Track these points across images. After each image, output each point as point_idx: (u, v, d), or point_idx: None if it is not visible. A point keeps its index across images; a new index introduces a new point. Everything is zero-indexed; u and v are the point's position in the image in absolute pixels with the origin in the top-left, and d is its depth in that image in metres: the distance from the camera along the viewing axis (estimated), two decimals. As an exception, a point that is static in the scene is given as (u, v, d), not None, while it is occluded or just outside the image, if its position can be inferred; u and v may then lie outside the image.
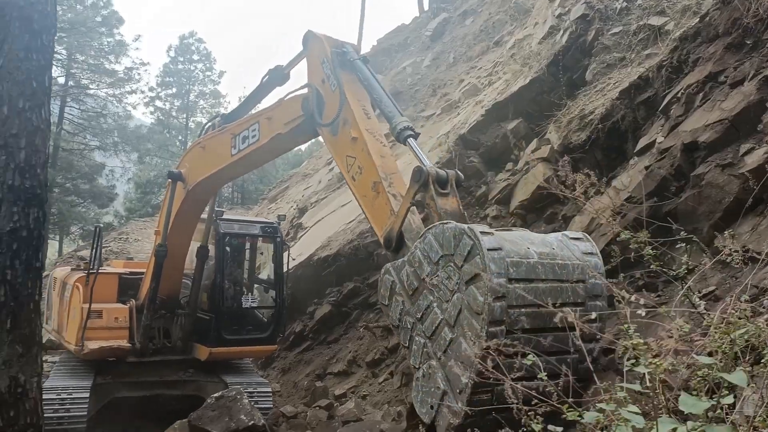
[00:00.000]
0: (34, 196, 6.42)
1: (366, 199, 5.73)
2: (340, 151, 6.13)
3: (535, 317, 4.35)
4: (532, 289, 4.34)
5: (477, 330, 4.15)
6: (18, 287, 6.30)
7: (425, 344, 4.66)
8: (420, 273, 4.72)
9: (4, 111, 6.23)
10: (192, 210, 9.96)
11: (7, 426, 6.23)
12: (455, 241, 4.43)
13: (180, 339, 10.83)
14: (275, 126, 7.25)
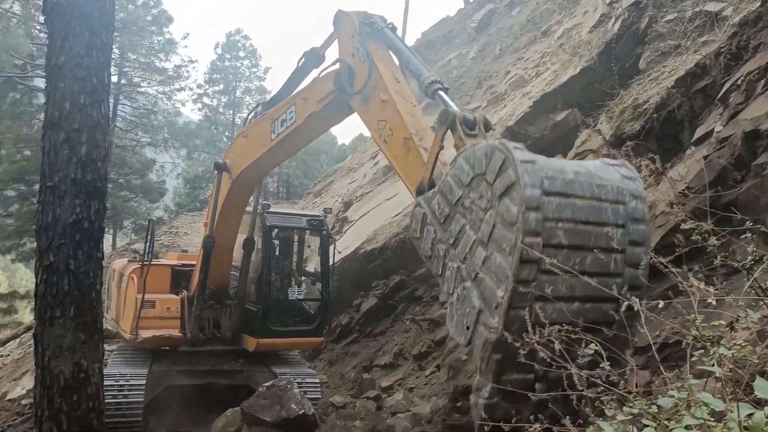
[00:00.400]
0: (95, 189, 6.66)
1: (398, 158, 5.79)
2: (371, 117, 6.24)
3: (573, 234, 4.18)
4: (568, 204, 4.17)
5: (512, 242, 4.03)
6: (81, 277, 6.55)
7: (458, 268, 4.60)
8: (451, 198, 4.67)
9: (67, 107, 6.49)
10: (237, 200, 10.18)
11: (70, 410, 6.50)
12: (486, 159, 4.33)
13: (229, 330, 11.07)
14: (310, 105, 7.44)
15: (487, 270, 4.27)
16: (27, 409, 11.77)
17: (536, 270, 4.05)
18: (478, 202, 4.43)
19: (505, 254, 4.09)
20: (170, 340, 10.66)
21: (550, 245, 4.07)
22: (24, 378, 17.72)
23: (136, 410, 9.55)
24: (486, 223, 4.31)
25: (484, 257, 4.29)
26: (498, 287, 4.13)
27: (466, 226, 4.53)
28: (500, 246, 4.15)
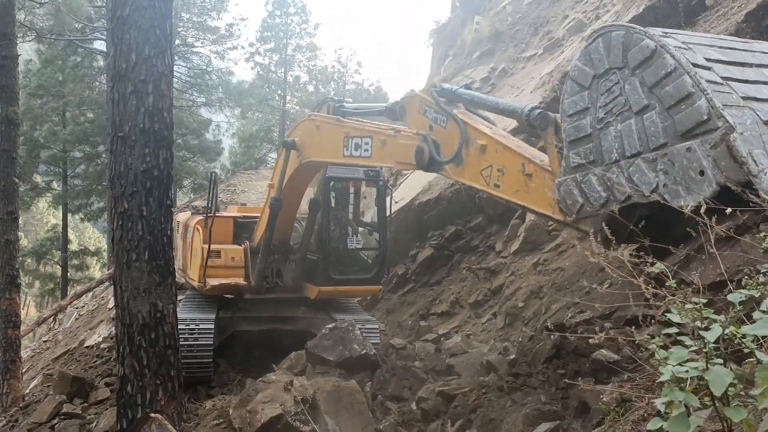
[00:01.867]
0: (162, 138, 6.94)
1: (520, 192, 5.33)
2: (472, 172, 5.88)
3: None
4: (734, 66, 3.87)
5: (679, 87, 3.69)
6: (153, 222, 6.90)
7: (637, 165, 4.03)
8: (584, 128, 4.35)
9: (132, 58, 6.72)
10: (305, 177, 10.43)
11: (149, 347, 6.94)
12: (617, 49, 4.02)
13: (291, 279, 11.45)
14: (386, 156, 7.28)
15: (667, 119, 3.83)
16: (106, 351, 12.55)
17: (718, 76, 3.75)
18: (610, 97, 4.12)
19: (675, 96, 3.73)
20: (236, 288, 11.11)
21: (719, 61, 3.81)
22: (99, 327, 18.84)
23: (207, 352, 10.05)
24: (633, 93, 3.97)
25: (654, 118, 3.89)
26: (691, 107, 3.71)
27: (613, 128, 4.15)
28: (670, 101, 3.77)
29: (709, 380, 1.46)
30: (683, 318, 1.70)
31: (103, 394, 9.87)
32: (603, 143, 4.22)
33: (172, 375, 7.14)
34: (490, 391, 5.63)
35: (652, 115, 3.85)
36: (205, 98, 38.91)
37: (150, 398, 6.89)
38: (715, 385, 1.43)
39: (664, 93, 3.74)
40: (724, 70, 3.76)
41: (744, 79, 3.79)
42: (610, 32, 4.13)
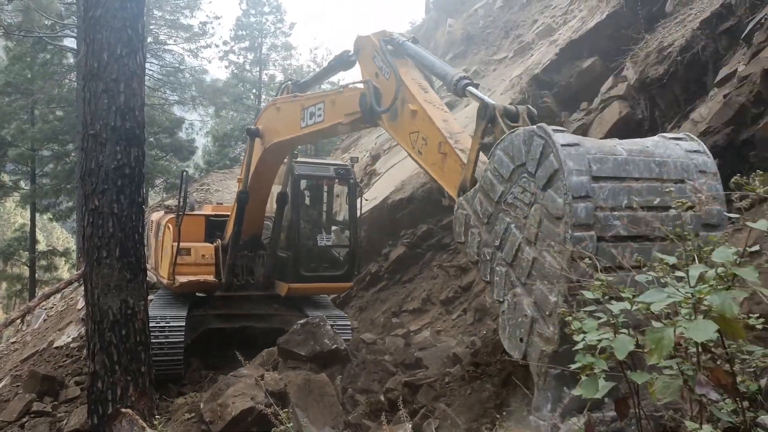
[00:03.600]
0: (134, 136, 7.03)
1: (435, 166, 5.52)
2: (402, 132, 6.08)
3: (633, 221, 3.68)
4: (624, 189, 3.72)
5: (560, 237, 3.59)
6: (124, 219, 6.99)
7: (507, 272, 4.16)
8: (493, 196, 4.31)
9: (104, 57, 6.81)
10: (270, 164, 10.43)
11: (120, 343, 7.02)
12: (525, 146, 3.91)
13: (262, 276, 11.56)
14: (337, 113, 7.42)
15: (537, 272, 3.85)
16: (76, 350, 12.51)
17: (591, 269, 3.50)
18: (521, 197, 4.03)
19: (554, 254, 3.67)
20: (205, 285, 11.18)
21: (606, 239, 3.64)
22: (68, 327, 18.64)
23: (178, 349, 10.11)
24: (531, 218, 3.89)
25: (533, 258, 3.88)
26: (550, 292, 3.70)
27: (511, 225, 4.13)
28: (548, 245, 3.73)
29: (614, 347, 1.67)
30: (595, 294, 1.93)
31: (73, 393, 9.88)
32: (496, 223, 4.30)
33: (143, 371, 7.22)
34: (453, 381, 5.85)
35: (530, 252, 3.94)
36: (178, 96, 38.59)
37: (121, 394, 6.96)
38: (619, 350, 1.65)
39: (548, 232, 3.81)
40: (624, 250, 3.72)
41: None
42: (533, 136, 4.02)
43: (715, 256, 1.61)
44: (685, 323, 1.49)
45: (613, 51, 11.71)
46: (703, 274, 1.60)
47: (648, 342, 1.54)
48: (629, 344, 1.64)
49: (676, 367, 1.74)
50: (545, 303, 3.74)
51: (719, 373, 1.63)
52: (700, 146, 4.18)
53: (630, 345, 1.64)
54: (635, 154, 3.86)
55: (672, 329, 1.54)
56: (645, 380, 1.74)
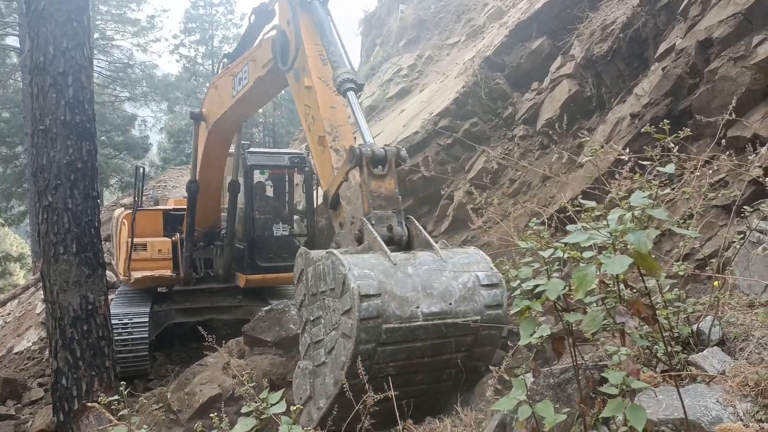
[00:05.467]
0: (84, 130, 6.95)
1: (315, 151, 5.69)
2: (300, 99, 6.05)
3: (405, 366, 4.31)
4: (405, 349, 4.24)
5: (336, 379, 4.17)
6: (79, 215, 6.92)
7: (309, 345, 4.70)
8: (318, 287, 4.66)
9: (50, 51, 6.70)
10: (217, 148, 10.33)
11: (82, 339, 6.97)
12: (342, 287, 4.24)
13: (221, 268, 11.53)
14: (257, 69, 7.26)
15: (321, 374, 4.44)
16: (37, 353, 12.29)
17: (359, 394, 3.89)
18: (332, 312, 4.41)
19: (332, 381, 4.24)
20: (162, 279, 11.12)
21: (378, 378, 4.10)
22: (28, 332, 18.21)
23: (142, 345, 10.06)
24: (330, 339, 4.36)
25: (323, 361, 4.43)
26: (321, 397, 4.36)
27: (322, 320, 4.55)
28: (332, 371, 4.26)
29: (547, 289, 1.83)
30: (527, 244, 2.09)
31: (36, 395, 9.75)
32: (314, 305, 4.72)
33: (108, 366, 7.18)
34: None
35: (321, 376, 4.55)
36: (128, 93, 37.74)
37: (86, 390, 6.92)
38: (551, 291, 1.80)
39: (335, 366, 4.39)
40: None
41: None
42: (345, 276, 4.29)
43: (632, 201, 1.78)
44: (605, 260, 1.66)
45: (560, 30, 11.99)
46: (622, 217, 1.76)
47: (573, 280, 1.70)
48: (560, 286, 1.80)
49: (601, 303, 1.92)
50: (317, 399, 4.45)
51: (639, 305, 1.80)
52: (502, 299, 4.52)
53: (560, 286, 1.80)
54: (431, 317, 4.24)
55: (594, 267, 1.70)
56: (576, 319, 1.92)
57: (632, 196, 1.79)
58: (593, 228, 1.78)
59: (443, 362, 4.44)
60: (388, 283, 4.21)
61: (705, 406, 2.38)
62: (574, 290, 1.69)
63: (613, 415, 1.73)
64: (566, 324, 1.94)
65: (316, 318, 4.67)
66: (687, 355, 2.79)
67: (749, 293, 3.40)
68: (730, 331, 2.97)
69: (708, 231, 5.19)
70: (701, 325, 3.01)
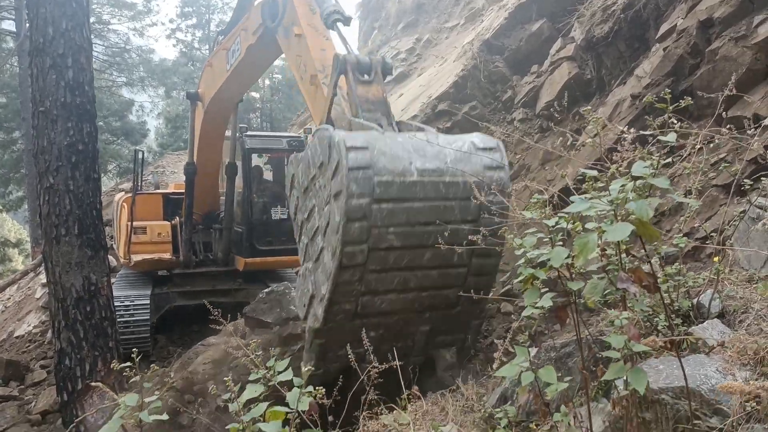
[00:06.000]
0: (85, 111, 6.94)
1: (309, 95, 5.66)
2: (292, 53, 6.03)
3: (408, 236, 4.12)
4: (404, 209, 4.08)
5: (334, 247, 4.05)
6: (80, 196, 6.94)
7: (307, 245, 4.61)
8: (308, 174, 4.62)
9: (50, 32, 6.67)
10: (213, 128, 10.30)
11: (85, 320, 7.02)
12: (329, 150, 4.20)
13: (220, 251, 11.56)
14: (248, 38, 7.24)
15: (320, 261, 4.33)
16: (38, 336, 12.36)
17: (361, 271, 3.99)
18: (321, 191, 4.37)
19: (330, 255, 4.12)
20: (161, 263, 11.16)
21: (379, 249, 4.03)
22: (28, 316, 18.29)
23: (144, 327, 10.13)
24: (324, 216, 4.29)
25: (321, 247, 4.33)
26: (323, 283, 4.23)
27: (316, 207, 4.49)
28: (329, 244, 4.15)
29: (551, 257, 1.86)
30: (531, 213, 2.12)
31: (39, 376, 9.82)
32: (308, 199, 4.64)
33: (111, 346, 7.24)
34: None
35: (320, 240, 4.44)
36: (125, 78, 37.50)
37: (89, 370, 6.98)
38: (555, 259, 1.84)
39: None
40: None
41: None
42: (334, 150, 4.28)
43: (633, 171, 1.80)
44: (606, 227, 1.69)
45: (560, 12, 11.94)
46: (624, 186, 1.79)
47: (575, 247, 1.74)
48: (563, 254, 1.83)
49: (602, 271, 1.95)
50: (320, 289, 4.27)
51: (640, 273, 1.83)
52: (502, 160, 4.46)
53: (564, 254, 1.83)
54: (427, 174, 4.12)
55: (595, 234, 1.73)
56: (579, 287, 1.95)
57: (633, 165, 1.81)
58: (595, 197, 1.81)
59: (451, 232, 4.07)
60: (377, 142, 4.09)
61: (705, 375, 2.43)
62: (575, 257, 1.72)
63: (614, 378, 1.78)
64: (572, 294, 1.97)
65: (309, 211, 4.58)
66: (687, 328, 2.83)
67: (748, 268, 3.44)
68: (730, 304, 3.02)
69: (708, 210, 5.22)
70: (701, 298, 3.06)
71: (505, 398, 3.41)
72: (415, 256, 4.13)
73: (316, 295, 4.38)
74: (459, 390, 3.99)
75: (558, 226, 1.95)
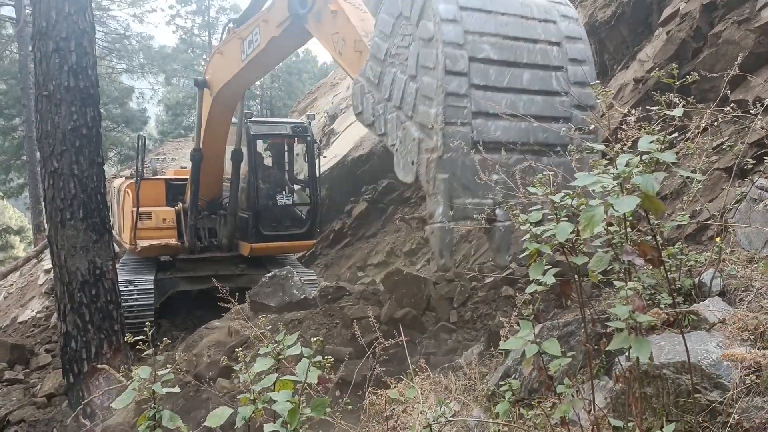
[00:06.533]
0: (88, 95, 6.96)
1: (353, 65, 5.65)
2: (326, 34, 6.12)
3: (502, 49, 4.13)
4: (491, 19, 4.14)
5: (434, 58, 3.96)
6: (85, 180, 6.98)
7: (397, 116, 4.52)
8: (380, 55, 4.68)
9: (53, 15, 6.67)
10: (221, 115, 10.30)
11: (90, 303, 7.09)
12: None
13: (225, 237, 11.63)
14: (271, 29, 7.27)
15: (420, 98, 4.19)
16: (43, 320, 12.45)
17: (467, 84, 3.94)
18: (401, 43, 4.37)
19: (431, 72, 4.01)
20: (167, 248, 11.24)
21: (477, 59, 4.02)
22: (31, 302, 18.41)
23: (148, 311, 10.20)
24: (411, 56, 4.25)
25: (416, 89, 4.22)
26: (431, 107, 4.04)
27: (396, 72, 4.48)
28: (426, 67, 4.07)
29: (556, 232, 1.90)
30: (538, 189, 2.15)
31: (44, 360, 9.90)
32: (384, 77, 4.62)
33: (116, 329, 7.32)
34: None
35: (412, 89, 4.26)
36: (125, 64, 37.33)
37: (95, 352, 7.06)
38: (560, 234, 1.87)
39: (423, 83, 4.13)
40: (483, 75, 4.10)
41: (494, 86, 4.14)
42: None
43: (639, 146, 1.84)
44: (613, 200, 1.72)
45: (562, -2, 11.90)
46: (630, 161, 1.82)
47: (582, 220, 1.77)
48: (569, 229, 1.87)
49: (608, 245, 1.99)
50: (427, 118, 4.08)
51: (645, 246, 1.86)
52: (573, 13, 4.68)
53: (569, 228, 1.87)
54: None
55: (601, 207, 1.76)
56: (583, 262, 1.99)
57: (640, 140, 1.84)
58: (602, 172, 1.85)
59: (539, 53, 4.24)
60: None
61: (706, 350, 2.47)
62: (581, 230, 1.75)
63: (618, 347, 1.81)
64: (576, 268, 2.01)
65: (391, 82, 4.54)
66: (689, 305, 2.87)
67: (749, 249, 3.48)
68: (731, 283, 3.06)
69: (710, 193, 5.25)
70: (703, 277, 3.10)
71: (508, 376, 3.45)
72: (515, 77, 4.15)
73: (426, 132, 4.12)
74: (462, 369, 4.05)
75: (563, 202, 1.99)
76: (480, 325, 6.95)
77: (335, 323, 6.66)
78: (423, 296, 7.74)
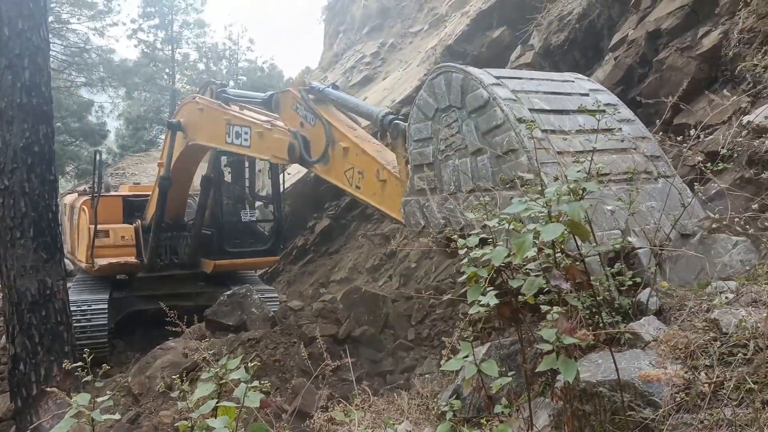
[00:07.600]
0: (41, 113, 6.86)
1: (376, 195, 5.67)
2: (337, 173, 6.16)
3: (549, 101, 4.36)
4: (526, 83, 4.42)
5: (497, 114, 4.06)
6: (36, 199, 6.84)
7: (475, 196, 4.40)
8: (427, 160, 4.73)
9: (5, 32, 6.57)
10: (194, 158, 10.39)
11: (40, 324, 6.92)
12: (445, 89, 4.42)
13: (187, 255, 11.48)
14: (263, 149, 7.41)
15: (494, 159, 4.17)
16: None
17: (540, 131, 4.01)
18: (449, 132, 4.46)
19: (501, 127, 4.06)
20: (127, 266, 11.04)
21: (534, 110, 4.19)
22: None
23: (101, 332, 9.99)
24: (467, 134, 4.33)
25: (487, 158, 4.23)
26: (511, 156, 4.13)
27: (455, 160, 4.48)
28: (491, 128, 4.13)
29: (492, 257, 1.97)
30: (475, 214, 2.24)
31: (-9, 383, 9.57)
32: (443, 174, 4.62)
33: (67, 351, 7.14)
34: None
35: (484, 158, 4.25)
36: (85, 78, 36.65)
37: (45, 375, 6.88)
38: (496, 258, 1.95)
39: (494, 142, 4.12)
40: (546, 121, 4.18)
41: (561, 129, 4.21)
42: (451, 73, 4.48)
43: (569, 175, 1.93)
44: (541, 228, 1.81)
45: (520, 20, 12.21)
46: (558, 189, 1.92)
47: (514, 246, 1.85)
48: (504, 253, 1.95)
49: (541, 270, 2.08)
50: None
51: (574, 270, 1.96)
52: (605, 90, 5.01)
53: (504, 253, 1.95)
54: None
55: (531, 234, 1.85)
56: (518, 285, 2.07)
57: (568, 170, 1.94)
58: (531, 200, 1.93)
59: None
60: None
61: (639, 368, 2.57)
62: (514, 255, 1.83)
63: (548, 368, 1.89)
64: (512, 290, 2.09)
65: (453, 174, 4.53)
66: (626, 324, 2.98)
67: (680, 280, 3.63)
68: (667, 302, 3.19)
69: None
70: (640, 296, 3.22)
71: (458, 394, 3.52)
72: (571, 121, 4.28)
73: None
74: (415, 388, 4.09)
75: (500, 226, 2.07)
76: (437, 342, 7.02)
77: (293, 342, 6.64)
78: (381, 314, 7.81)
